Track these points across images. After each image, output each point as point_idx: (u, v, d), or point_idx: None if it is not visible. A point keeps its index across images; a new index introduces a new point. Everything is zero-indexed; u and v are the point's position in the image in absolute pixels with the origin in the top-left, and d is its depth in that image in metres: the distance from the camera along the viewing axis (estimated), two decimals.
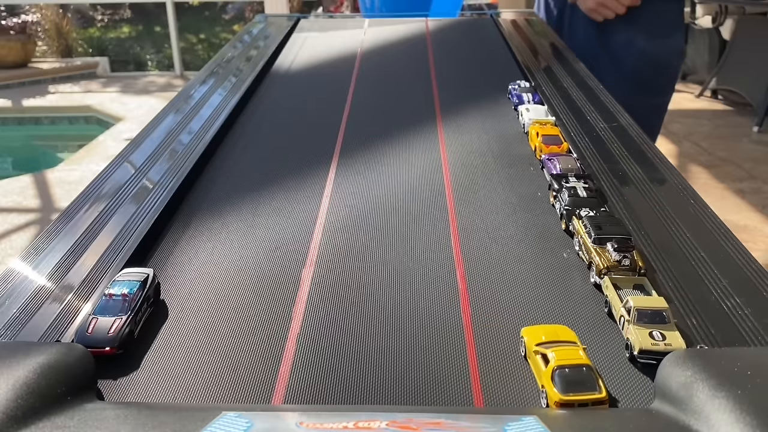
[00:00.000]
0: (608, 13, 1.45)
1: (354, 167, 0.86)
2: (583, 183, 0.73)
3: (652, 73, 1.50)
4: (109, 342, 0.50)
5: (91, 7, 7.51)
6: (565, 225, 0.69)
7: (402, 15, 1.71)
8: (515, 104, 1.05)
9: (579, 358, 0.46)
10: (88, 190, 0.77)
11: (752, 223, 2.80)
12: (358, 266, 0.64)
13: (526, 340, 0.50)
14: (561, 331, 0.50)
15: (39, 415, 0.38)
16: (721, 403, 0.37)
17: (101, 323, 0.51)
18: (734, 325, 0.53)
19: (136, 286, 0.55)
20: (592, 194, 0.71)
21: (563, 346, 0.48)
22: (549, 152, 0.84)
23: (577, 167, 0.79)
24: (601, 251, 0.60)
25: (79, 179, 3.35)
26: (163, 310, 0.58)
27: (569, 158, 0.81)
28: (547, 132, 0.89)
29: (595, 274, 0.59)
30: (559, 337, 0.50)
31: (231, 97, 1.09)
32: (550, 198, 0.75)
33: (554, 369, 0.45)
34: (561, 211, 0.70)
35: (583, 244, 0.63)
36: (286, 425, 0.39)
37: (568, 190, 0.71)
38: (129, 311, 0.53)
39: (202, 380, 0.49)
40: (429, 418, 0.39)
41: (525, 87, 1.09)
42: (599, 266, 0.59)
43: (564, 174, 0.76)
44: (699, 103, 4.52)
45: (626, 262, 0.58)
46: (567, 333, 0.50)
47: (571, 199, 0.70)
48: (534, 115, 0.96)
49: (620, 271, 0.58)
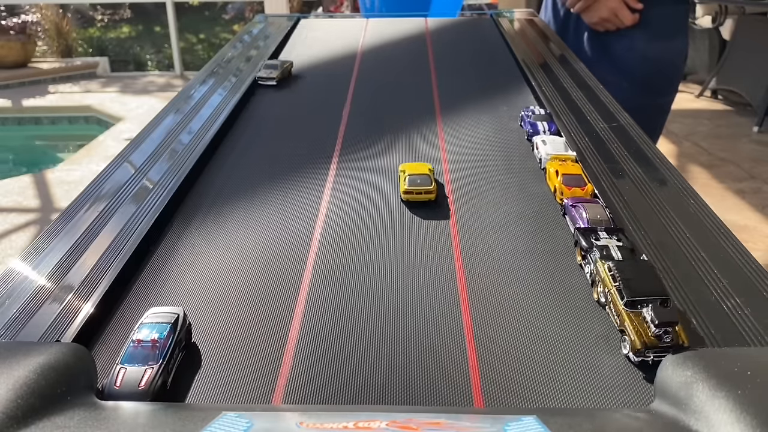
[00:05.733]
0: (611, 27, 1.46)
1: (354, 167, 0.86)
2: (617, 240, 0.63)
3: (656, 75, 1.51)
4: (140, 397, 0.45)
5: (91, 7, 7.50)
6: (597, 295, 0.59)
7: (402, 15, 1.71)
8: (529, 134, 0.94)
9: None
10: (88, 190, 0.77)
11: (752, 223, 2.80)
12: (358, 266, 0.64)
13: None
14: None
15: (39, 415, 0.38)
16: (721, 403, 0.37)
17: (130, 374, 0.46)
18: (734, 325, 0.53)
19: (166, 330, 0.50)
20: (627, 255, 0.60)
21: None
22: (572, 196, 0.74)
23: (606, 218, 0.68)
24: (637, 320, 0.51)
25: (79, 179, 3.35)
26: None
27: (597, 206, 0.70)
28: (569, 171, 0.78)
29: (630, 351, 0.51)
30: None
31: (231, 97, 1.09)
32: (577, 257, 0.65)
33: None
34: (593, 277, 0.60)
35: (612, 301, 0.54)
36: (286, 425, 0.39)
37: (600, 251, 0.61)
38: (160, 359, 0.48)
39: (202, 377, 0.49)
40: (429, 418, 0.39)
41: (540, 114, 0.98)
42: (636, 344, 0.50)
43: (593, 228, 0.66)
44: (699, 103, 4.53)
45: (668, 338, 0.49)
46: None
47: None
48: (552, 149, 0.85)
49: (660, 348, 0.49)
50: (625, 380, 0.49)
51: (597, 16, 1.46)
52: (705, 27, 4.60)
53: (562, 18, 1.61)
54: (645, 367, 0.50)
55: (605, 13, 1.44)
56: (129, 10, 7.81)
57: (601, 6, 1.44)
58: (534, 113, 0.98)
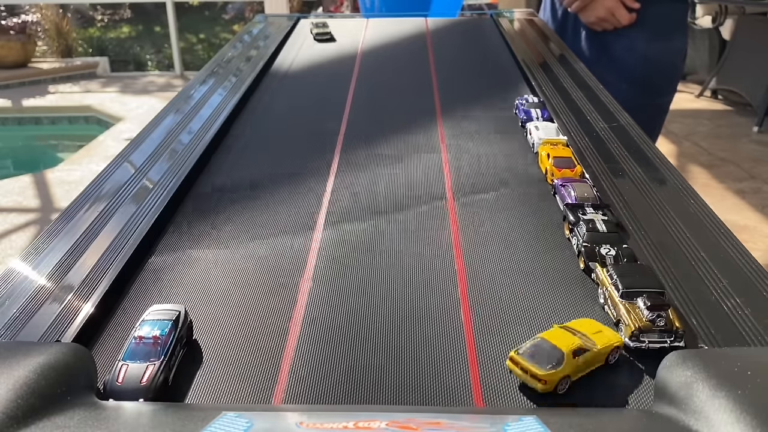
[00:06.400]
0: (608, 26, 1.46)
1: (354, 167, 0.86)
2: (602, 215, 0.67)
3: (655, 75, 1.51)
4: (142, 393, 0.45)
5: (91, 7, 7.50)
6: (583, 264, 0.63)
7: (402, 15, 1.71)
8: (523, 120, 0.98)
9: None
10: (88, 190, 0.77)
11: (752, 223, 2.80)
12: (359, 267, 0.64)
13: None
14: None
15: (39, 415, 0.38)
16: (721, 403, 0.37)
17: (132, 371, 0.47)
18: (734, 325, 0.53)
19: (167, 326, 0.50)
20: (612, 229, 0.65)
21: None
22: (562, 177, 0.78)
23: (593, 195, 0.72)
24: (631, 308, 0.53)
25: (79, 179, 3.35)
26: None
27: (585, 185, 0.74)
28: (559, 154, 0.83)
29: (626, 336, 0.52)
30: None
31: (231, 97, 1.09)
32: (565, 230, 0.69)
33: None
34: (579, 248, 0.64)
35: (609, 297, 0.56)
36: (286, 425, 0.39)
37: (586, 224, 0.65)
38: (162, 355, 0.48)
39: (203, 374, 0.49)
40: (429, 418, 0.39)
41: (533, 102, 1.02)
42: (630, 327, 0.52)
43: (580, 204, 0.70)
44: (699, 103, 4.52)
45: (661, 322, 0.51)
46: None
47: (590, 235, 0.64)
48: (544, 134, 0.90)
49: (655, 332, 0.51)
50: (624, 376, 0.49)
51: (594, 16, 1.46)
52: (705, 27, 4.60)
53: (561, 18, 1.61)
54: (645, 361, 0.50)
55: (602, 13, 1.44)
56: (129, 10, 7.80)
57: (598, 5, 1.44)
58: (528, 101, 1.03)
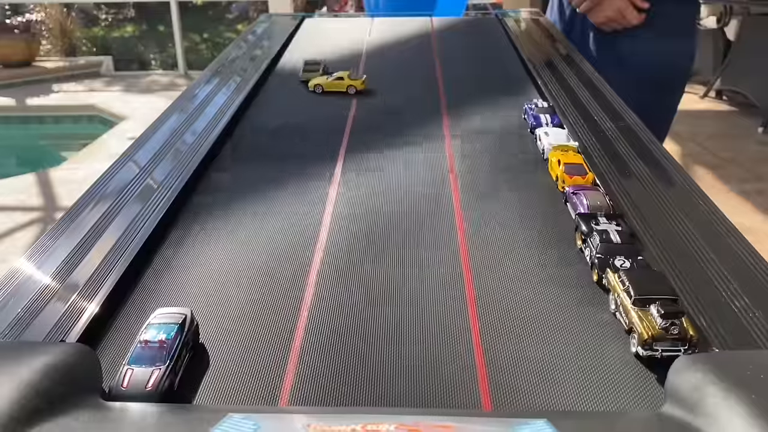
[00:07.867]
0: (617, 27, 1.46)
1: (359, 169, 0.86)
2: (616, 225, 0.64)
3: (663, 76, 1.50)
4: (148, 398, 0.44)
5: (95, 6, 7.51)
6: (596, 276, 0.61)
7: (407, 14, 1.71)
8: (532, 126, 0.95)
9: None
10: (93, 189, 0.77)
11: (757, 224, 2.79)
12: (365, 268, 0.64)
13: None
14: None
15: (43, 416, 0.37)
16: (733, 407, 0.37)
17: (138, 375, 0.46)
18: (744, 327, 0.52)
19: (173, 330, 0.49)
20: (626, 240, 0.63)
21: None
22: (573, 184, 0.76)
23: (606, 204, 0.70)
24: (644, 315, 0.52)
25: (83, 178, 3.35)
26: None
27: (597, 193, 0.72)
28: (570, 160, 0.80)
29: (638, 344, 0.51)
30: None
31: (235, 97, 1.09)
32: (577, 241, 0.67)
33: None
34: (592, 260, 0.62)
35: (621, 304, 0.55)
36: (293, 427, 0.39)
37: (600, 235, 0.63)
38: (168, 360, 0.47)
39: (209, 378, 0.49)
40: (438, 422, 0.39)
41: (542, 107, 0.99)
42: (643, 335, 0.50)
43: (593, 214, 0.67)
44: (704, 104, 4.51)
45: (674, 330, 0.50)
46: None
47: (604, 246, 0.62)
48: (554, 139, 0.87)
49: (668, 340, 0.50)
50: (635, 381, 0.49)
51: (603, 16, 1.45)
52: (710, 27, 4.58)
53: (568, 18, 1.60)
54: (655, 367, 0.49)
55: (611, 13, 1.44)
56: (133, 9, 7.81)
57: (608, 6, 1.44)
58: (537, 106, 1.00)
